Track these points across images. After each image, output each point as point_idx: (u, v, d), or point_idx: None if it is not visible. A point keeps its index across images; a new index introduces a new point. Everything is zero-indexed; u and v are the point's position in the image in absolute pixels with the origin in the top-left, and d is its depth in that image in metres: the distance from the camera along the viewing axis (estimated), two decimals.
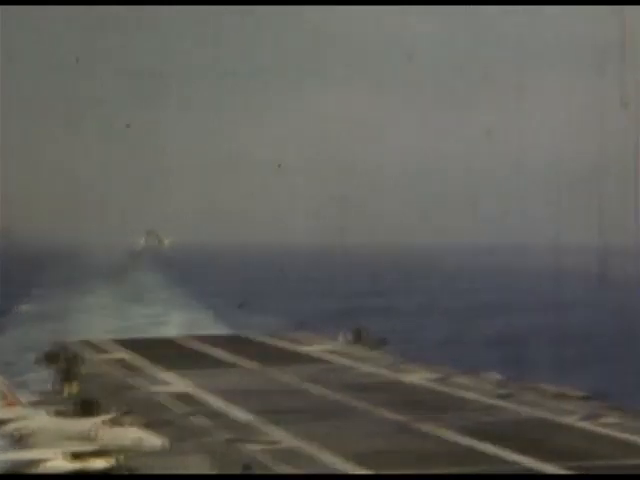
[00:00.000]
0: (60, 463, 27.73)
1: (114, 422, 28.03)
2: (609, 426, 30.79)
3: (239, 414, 33.55)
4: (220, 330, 74.16)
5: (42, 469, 27.59)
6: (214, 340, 55.32)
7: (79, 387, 38.34)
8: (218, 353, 49.80)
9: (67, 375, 39.43)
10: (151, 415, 31.63)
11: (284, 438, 29.75)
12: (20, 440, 29.44)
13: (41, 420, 29.97)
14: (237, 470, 25.53)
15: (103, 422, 28.25)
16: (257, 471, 25.54)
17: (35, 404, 33.07)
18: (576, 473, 25.25)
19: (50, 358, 43.79)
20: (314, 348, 50.78)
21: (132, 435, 27.59)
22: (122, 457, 27.46)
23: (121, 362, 46.68)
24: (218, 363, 46.82)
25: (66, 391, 38.40)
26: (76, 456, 27.78)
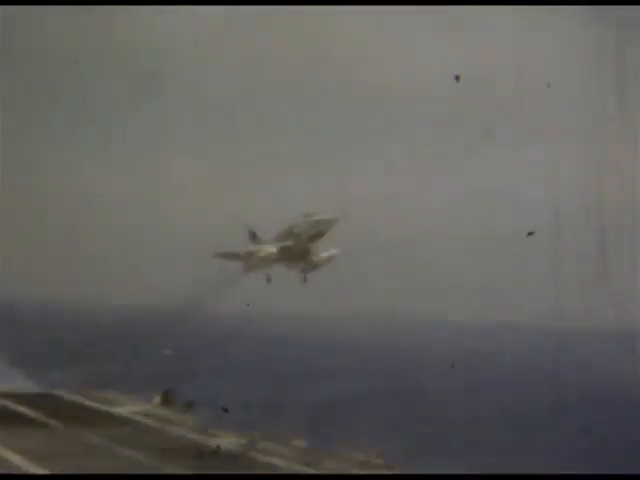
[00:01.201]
0: None
1: None
2: None
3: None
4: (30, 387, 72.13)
5: None
6: (23, 398, 53.90)
7: None
8: (26, 411, 48.70)
9: None
10: None
11: None
12: None
13: None
14: None
15: None
16: None
17: None
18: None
19: None
20: (124, 409, 50.47)
21: None
22: None
23: None
24: (25, 422, 45.79)
25: None
26: None
